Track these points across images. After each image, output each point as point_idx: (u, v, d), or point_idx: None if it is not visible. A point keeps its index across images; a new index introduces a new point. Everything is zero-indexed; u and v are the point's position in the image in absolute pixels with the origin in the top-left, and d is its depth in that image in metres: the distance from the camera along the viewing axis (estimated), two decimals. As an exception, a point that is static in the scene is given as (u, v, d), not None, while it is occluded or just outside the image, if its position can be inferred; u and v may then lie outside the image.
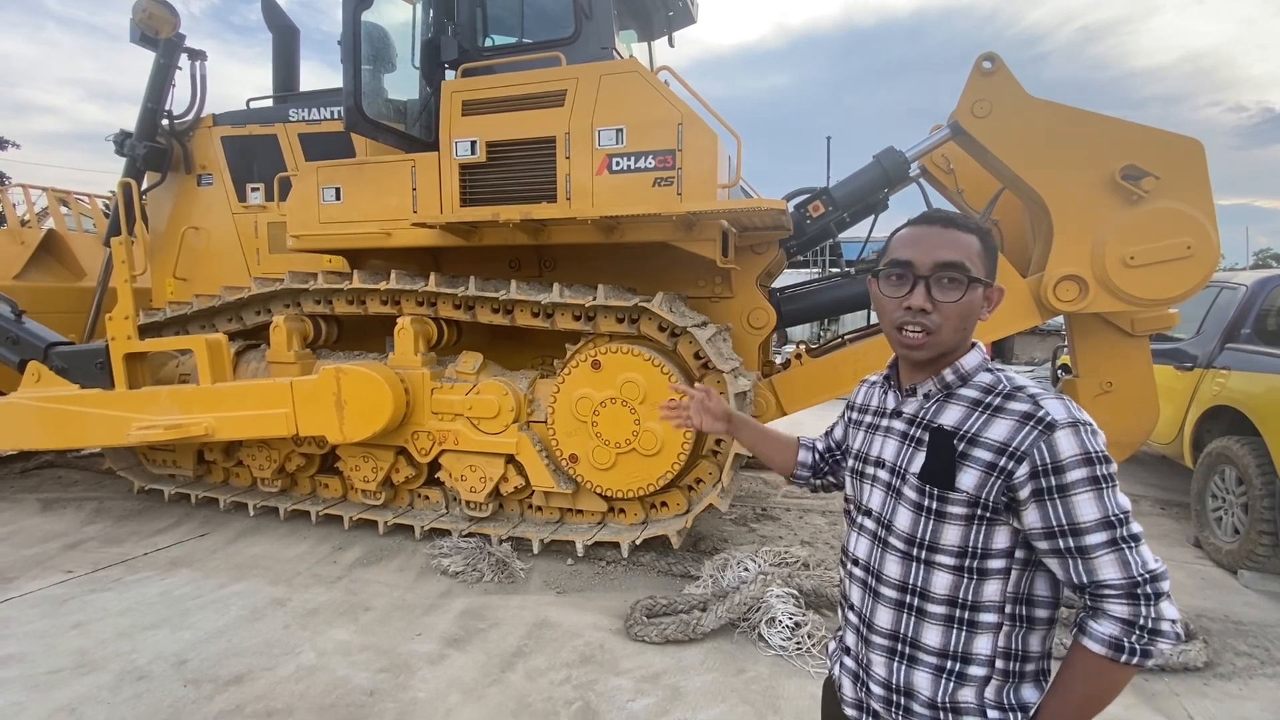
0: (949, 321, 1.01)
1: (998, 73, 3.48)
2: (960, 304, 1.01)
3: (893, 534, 1.07)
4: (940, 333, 1.02)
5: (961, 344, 1.06)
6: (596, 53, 4.01)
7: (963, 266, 1.00)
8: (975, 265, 1.02)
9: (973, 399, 1.02)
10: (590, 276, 3.90)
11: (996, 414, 0.98)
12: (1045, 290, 3.49)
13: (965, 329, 1.04)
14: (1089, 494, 0.91)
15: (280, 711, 2.44)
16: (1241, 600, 3.43)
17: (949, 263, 1.00)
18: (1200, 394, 4.33)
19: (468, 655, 2.84)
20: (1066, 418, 0.94)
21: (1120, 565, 0.90)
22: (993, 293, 1.04)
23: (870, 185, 4.02)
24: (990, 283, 1.04)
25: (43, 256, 6.21)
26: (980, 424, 0.99)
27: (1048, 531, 0.93)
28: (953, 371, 1.04)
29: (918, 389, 1.08)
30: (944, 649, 1.02)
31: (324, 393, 3.88)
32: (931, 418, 1.04)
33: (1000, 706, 1.01)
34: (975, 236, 1.04)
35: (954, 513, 0.99)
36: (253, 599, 3.33)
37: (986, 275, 1.03)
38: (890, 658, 1.07)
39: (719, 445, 3.71)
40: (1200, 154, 3.32)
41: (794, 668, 2.75)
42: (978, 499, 0.97)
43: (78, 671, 2.67)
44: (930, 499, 1.01)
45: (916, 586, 1.04)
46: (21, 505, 4.77)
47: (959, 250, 1.01)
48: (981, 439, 0.98)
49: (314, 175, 4.31)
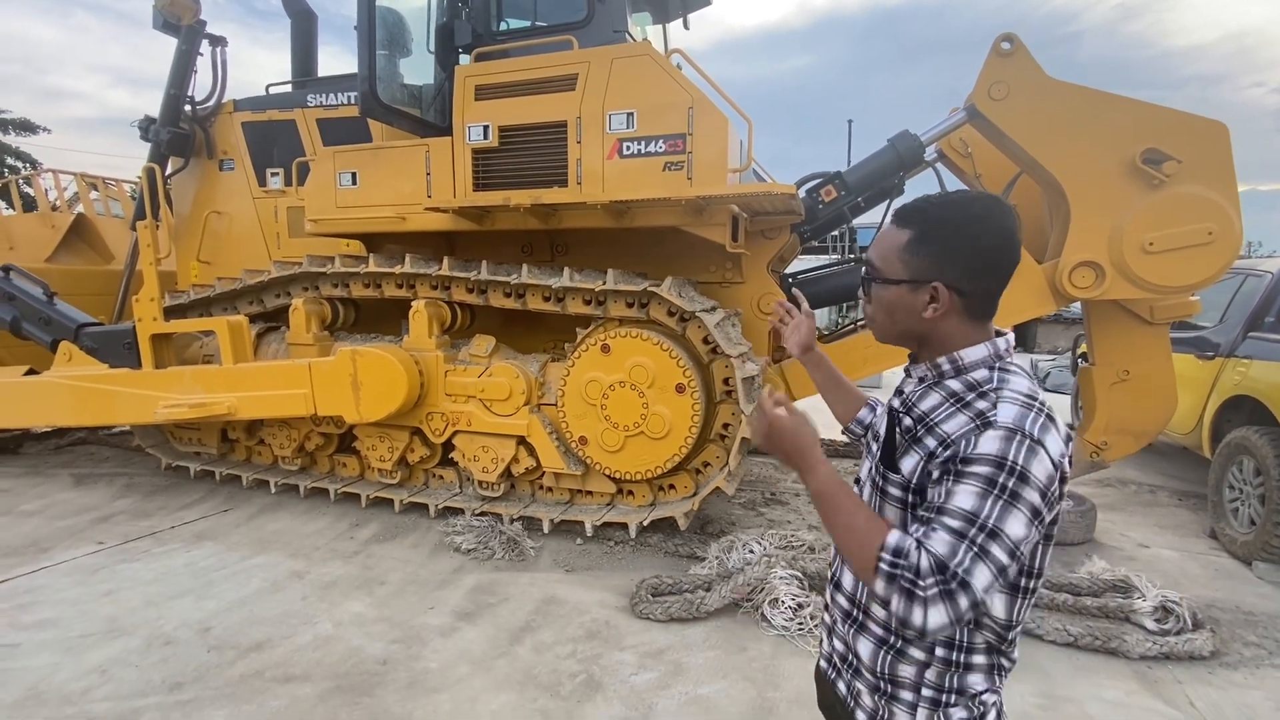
0: (876, 319, 1.09)
1: (1016, 54, 3.41)
2: (881, 301, 1.07)
3: None
4: (876, 325, 1.09)
5: (920, 335, 1.05)
6: (609, 36, 4.00)
7: (873, 265, 1.07)
8: (888, 263, 1.03)
9: (952, 391, 0.99)
10: (602, 261, 3.93)
11: (962, 409, 0.96)
12: (1061, 277, 3.45)
13: (895, 323, 1.06)
14: (974, 489, 0.87)
15: (298, 678, 2.55)
16: (1254, 591, 3.40)
17: (868, 261, 1.08)
18: (1221, 383, 4.25)
19: (478, 628, 2.93)
20: (1010, 423, 0.89)
21: (948, 547, 0.86)
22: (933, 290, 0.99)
23: (884, 169, 3.98)
24: (921, 281, 0.99)
25: (72, 240, 6.40)
26: (943, 416, 0.98)
27: (928, 506, 0.93)
28: (948, 361, 1.02)
29: (913, 372, 1.10)
30: (887, 623, 1.05)
31: (341, 374, 3.98)
32: (915, 401, 1.05)
33: (939, 688, 1.02)
34: (909, 230, 1.01)
35: (893, 494, 1.03)
36: (273, 571, 3.45)
37: (914, 272, 1.00)
38: (847, 620, 1.13)
39: (726, 430, 3.74)
40: (1225, 137, 3.23)
41: (795, 647, 2.79)
42: (909, 484, 0.99)
43: (108, 636, 2.81)
44: (880, 477, 1.06)
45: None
46: (56, 480, 4.96)
47: (879, 249, 1.06)
48: (935, 429, 0.97)
49: (331, 160, 4.37)
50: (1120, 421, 3.78)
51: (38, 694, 2.41)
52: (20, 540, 3.82)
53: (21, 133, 18.80)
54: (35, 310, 4.76)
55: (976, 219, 0.98)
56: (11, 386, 4.69)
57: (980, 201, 1.01)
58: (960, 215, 0.99)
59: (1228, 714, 2.41)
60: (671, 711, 2.38)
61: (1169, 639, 2.78)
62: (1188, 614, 2.89)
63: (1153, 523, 4.42)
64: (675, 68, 3.64)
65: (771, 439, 1.02)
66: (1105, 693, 2.53)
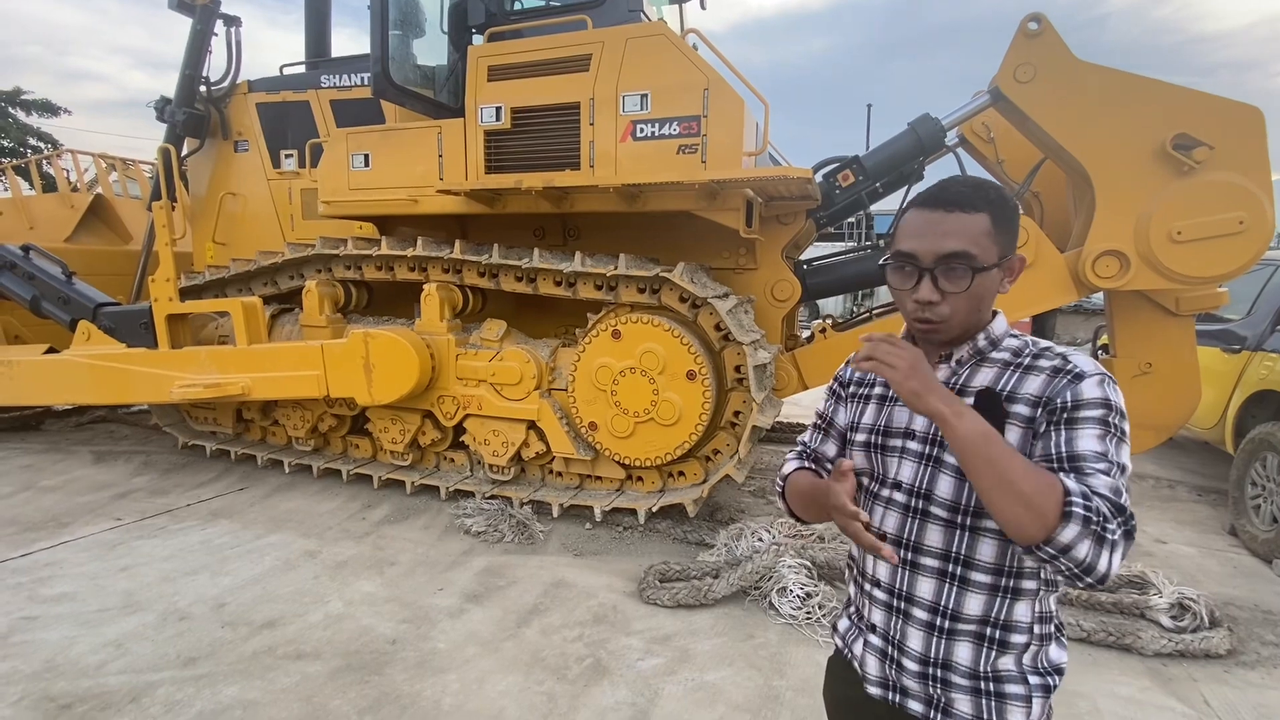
0: (958, 311, 1.00)
1: (1044, 35, 3.31)
2: (969, 292, 0.99)
3: (933, 503, 1.04)
4: (951, 321, 1.01)
5: (980, 320, 1.05)
6: (624, 15, 3.93)
7: (968, 255, 0.97)
8: (983, 249, 0.98)
9: (1004, 360, 1.03)
10: (614, 245, 3.90)
11: (1029, 372, 0.99)
12: (1083, 266, 3.36)
13: (978, 309, 1.03)
14: (1095, 431, 0.91)
15: (309, 655, 2.58)
16: (1274, 590, 3.33)
17: (953, 253, 0.97)
18: (1246, 378, 4.15)
19: (486, 610, 2.94)
20: (1094, 370, 0.95)
21: (1111, 490, 0.88)
22: (1012, 263, 1.02)
23: (903, 154, 3.89)
24: (1006, 257, 1.01)
25: (91, 221, 6.48)
26: (1014, 381, 1.00)
27: (1047, 456, 0.92)
28: (985, 337, 1.05)
29: (952, 354, 1.06)
30: (985, 617, 1.01)
31: (353, 356, 4.00)
32: (965, 382, 1.03)
33: (1037, 671, 1.01)
34: (984, 214, 0.99)
35: None
36: (286, 550, 3.49)
37: (1002, 249, 1.00)
38: (929, 631, 1.05)
39: (737, 417, 3.71)
40: (1260, 123, 3.12)
41: (802, 636, 2.78)
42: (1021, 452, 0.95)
43: (125, 610, 2.86)
44: None
45: (960, 555, 1.02)
46: (75, 457, 5.06)
47: (963, 238, 0.97)
48: (1019, 395, 0.98)
49: (344, 142, 4.36)
50: (1141, 415, 3.69)
51: (55, 666, 2.46)
52: (40, 515, 3.90)
53: (43, 114, 19.01)
54: (55, 290, 4.82)
55: (1009, 198, 1.05)
56: (32, 365, 4.77)
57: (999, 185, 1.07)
58: (1003, 194, 1.04)
59: (1243, 713, 2.37)
60: (677, 697, 2.38)
61: (1185, 636, 2.74)
62: (1205, 611, 2.84)
63: (1171, 518, 4.34)
64: (691, 48, 3.57)
65: (916, 375, 0.92)
66: (1118, 689, 2.49)
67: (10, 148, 17.96)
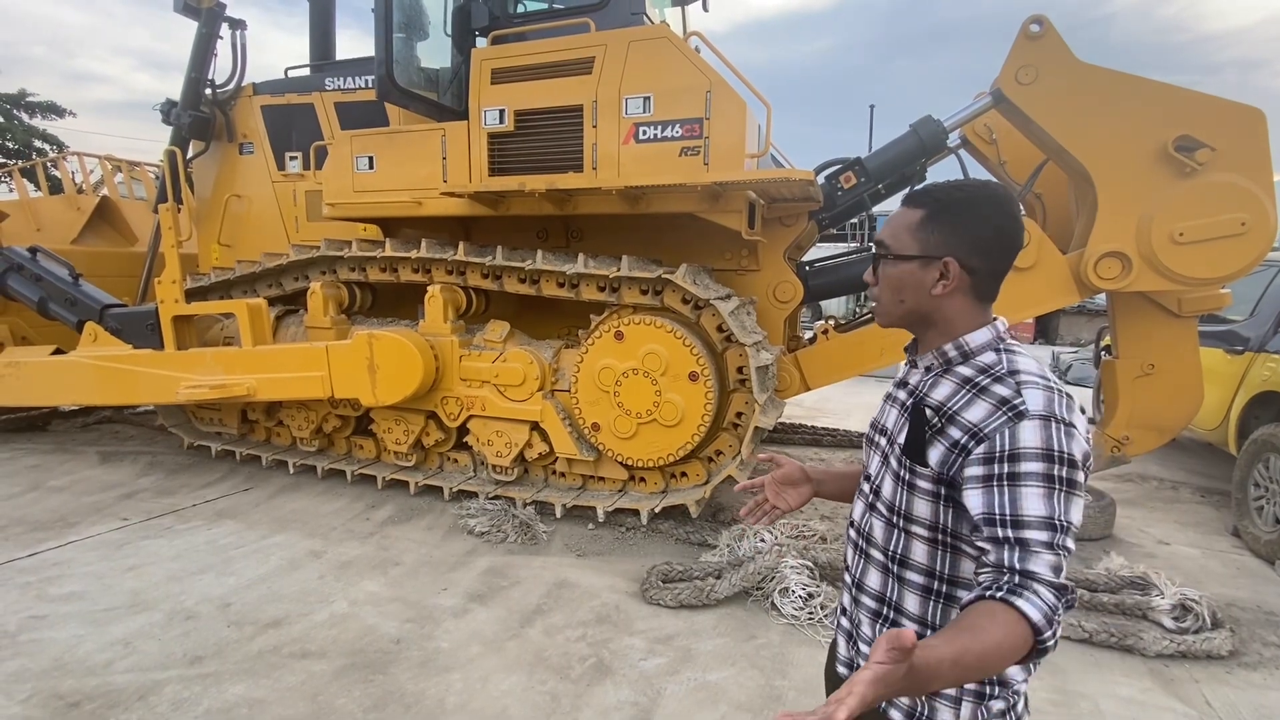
0: (882, 294, 1.09)
1: (1046, 36, 3.31)
2: (888, 279, 1.06)
3: (879, 500, 1.10)
4: (880, 304, 1.09)
5: (923, 315, 1.05)
6: (626, 18, 3.95)
7: (883, 244, 1.07)
8: (900, 241, 1.04)
9: (964, 377, 1.00)
10: (617, 247, 3.91)
11: (980, 395, 0.96)
12: (1086, 267, 3.37)
13: (902, 301, 1.06)
14: (1039, 490, 0.87)
15: (314, 654, 2.60)
16: (1276, 591, 3.33)
17: (879, 240, 1.08)
18: (1249, 379, 4.15)
19: (490, 610, 2.96)
20: (1042, 410, 0.90)
21: (1054, 569, 0.86)
22: (942, 265, 1.00)
23: (905, 156, 3.90)
24: (932, 256, 1.01)
25: (97, 222, 6.52)
26: (962, 404, 0.97)
27: (989, 518, 0.89)
28: (955, 347, 1.03)
29: (919, 361, 1.09)
30: (923, 618, 1.04)
31: (357, 357, 4.02)
32: (925, 391, 1.04)
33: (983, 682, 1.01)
34: (921, 209, 1.03)
35: (922, 487, 1.01)
36: (291, 550, 3.51)
37: (926, 246, 1.01)
38: (875, 620, 1.10)
39: (739, 418, 3.72)
40: (1262, 124, 3.12)
41: (805, 637, 2.79)
42: (941, 476, 0.97)
43: (132, 610, 2.89)
44: (905, 471, 1.03)
45: (897, 554, 1.06)
46: (82, 457, 5.09)
47: (889, 228, 1.07)
48: (958, 418, 0.96)
49: (348, 144, 4.39)
50: (1143, 416, 3.70)
51: (63, 665, 2.49)
52: (48, 515, 3.93)
53: (48, 116, 19.11)
54: (62, 291, 4.86)
55: (987, 199, 1.02)
56: (39, 365, 4.80)
57: (990, 186, 1.05)
58: (971, 194, 1.02)
59: (1244, 714, 2.38)
60: (679, 697, 2.39)
61: (1187, 637, 2.74)
62: (1207, 612, 2.84)
63: (1174, 519, 4.34)
64: (693, 51, 3.59)
65: (848, 705, 0.70)
66: (1120, 690, 2.50)
67: (15, 150, 18.06)
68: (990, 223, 1.00)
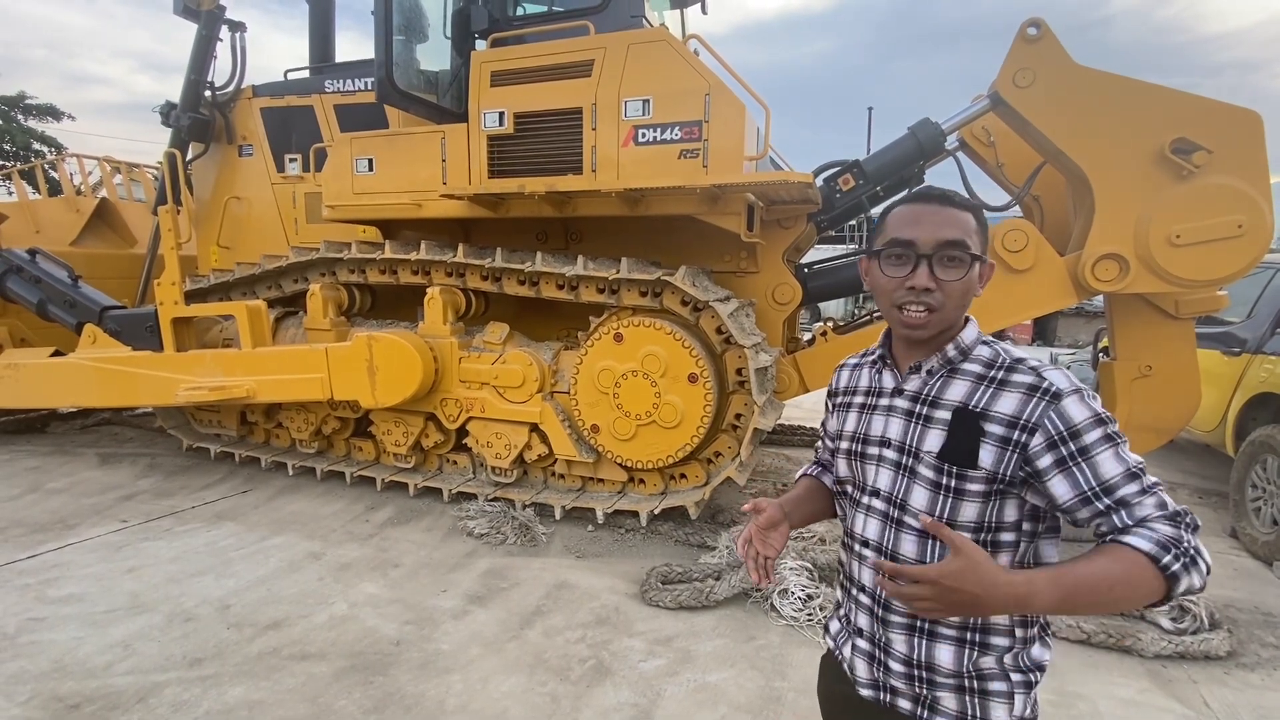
0: (951, 299, 1.03)
1: (1043, 39, 3.33)
2: (963, 282, 1.03)
3: (907, 513, 1.06)
4: (943, 310, 1.03)
5: (959, 320, 1.07)
6: (626, 21, 3.96)
7: (964, 244, 1.02)
8: (974, 242, 1.03)
9: (976, 373, 1.03)
10: (617, 249, 3.92)
11: (1002, 388, 1.00)
12: (1083, 269, 3.38)
13: (965, 306, 1.06)
14: (1109, 452, 0.94)
15: (314, 656, 2.60)
16: (1275, 592, 3.34)
17: (951, 241, 1.01)
18: (1247, 380, 4.16)
19: (489, 612, 2.96)
20: (1069, 386, 0.97)
21: (1159, 505, 0.92)
22: (985, 269, 1.06)
23: (903, 158, 3.92)
24: (984, 258, 1.05)
25: (96, 224, 6.52)
26: (987, 398, 1.00)
27: (1082, 496, 0.94)
28: (954, 347, 1.05)
29: (921, 365, 1.08)
30: (965, 621, 1.03)
31: (357, 359, 4.02)
32: (937, 394, 1.04)
33: (1019, 668, 1.04)
34: (971, 214, 1.05)
35: (972, 490, 1.00)
36: (290, 552, 3.51)
37: (983, 248, 1.05)
38: (910, 634, 1.07)
39: (739, 420, 3.73)
40: (1258, 127, 3.14)
41: (804, 638, 2.80)
42: (995, 474, 0.98)
43: (131, 611, 2.89)
44: (949, 477, 1.01)
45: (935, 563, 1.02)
46: (81, 459, 5.09)
47: (959, 228, 1.02)
48: (991, 413, 0.99)
49: (348, 146, 4.39)
50: (1141, 417, 3.71)
51: (62, 666, 2.49)
52: (48, 517, 3.92)
53: (46, 118, 19.11)
54: (61, 293, 4.86)
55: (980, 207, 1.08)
56: (39, 367, 4.81)
57: None
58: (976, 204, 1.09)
59: (1242, 715, 2.38)
60: (679, 698, 2.40)
61: (1184, 638, 2.75)
62: (1205, 613, 2.85)
63: (1172, 520, 4.35)
64: (692, 54, 3.60)
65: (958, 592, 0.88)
66: (1118, 690, 2.51)
67: (14, 152, 18.06)
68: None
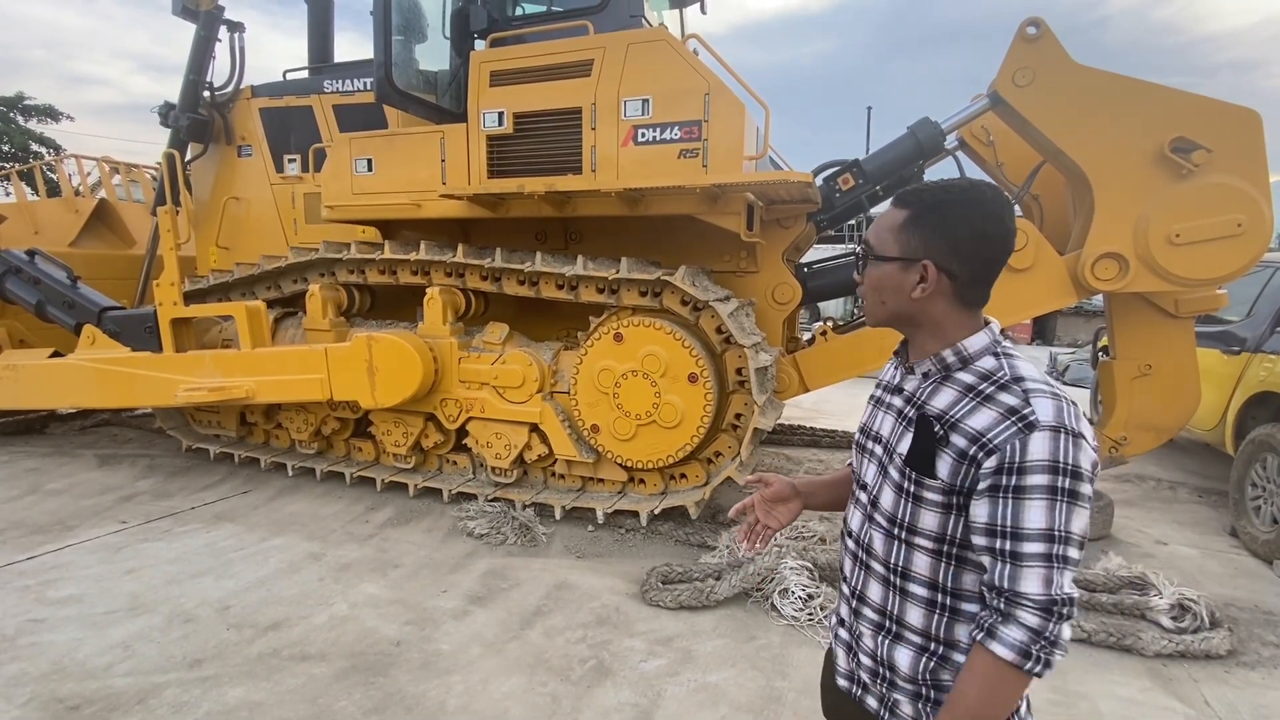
0: (866, 295, 1.09)
1: (1042, 39, 3.34)
2: (871, 279, 1.07)
3: (878, 511, 1.07)
4: (865, 304, 1.10)
5: (891, 317, 1.07)
6: (625, 21, 3.96)
7: (868, 244, 1.07)
8: (882, 242, 1.03)
9: (966, 384, 0.98)
10: (616, 249, 3.92)
11: (985, 403, 0.94)
12: (1083, 268, 3.38)
13: (884, 303, 1.05)
14: (1042, 503, 0.88)
15: (314, 656, 2.60)
16: (1274, 591, 3.34)
17: (865, 240, 1.08)
18: (1246, 379, 4.16)
19: (490, 612, 2.96)
20: (1052, 420, 0.89)
21: (1044, 582, 0.88)
22: (920, 268, 0.99)
23: (903, 158, 3.92)
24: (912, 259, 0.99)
25: (95, 225, 6.50)
26: (965, 411, 0.95)
27: (989, 528, 0.91)
28: (953, 353, 1.00)
29: (916, 368, 1.06)
30: (926, 630, 1.02)
31: (357, 359, 4.02)
32: (925, 399, 1.01)
33: None
34: (906, 210, 1.01)
35: (930, 499, 0.98)
36: (290, 553, 3.51)
37: (906, 249, 1.00)
38: (878, 632, 1.08)
39: (739, 420, 3.73)
40: (1257, 126, 3.14)
41: (805, 638, 2.79)
42: (953, 487, 0.95)
43: (131, 613, 2.88)
44: (910, 483, 1.00)
45: (899, 566, 1.03)
46: (80, 460, 5.08)
47: (874, 229, 1.06)
48: (961, 426, 0.94)
49: (347, 147, 4.39)
50: (1141, 416, 3.72)
51: (62, 668, 2.48)
52: (47, 518, 3.92)
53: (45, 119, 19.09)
54: (59, 294, 4.85)
55: (972, 202, 0.98)
56: (37, 368, 4.80)
57: (977, 187, 0.99)
58: (955, 197, 0.99)
59: (1243, 714, 2.38)
60: (680, 698, 2.39)
61: (1185, 637, 2.75)
62: (1205, 612, 2.85)
63: (1172, 519, 4.35)
64: (692, 53, 3.60)
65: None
66: (1119, 690, 2.51)
67: (12, 153, 18.04)
68: (971, 226, 0.97)
